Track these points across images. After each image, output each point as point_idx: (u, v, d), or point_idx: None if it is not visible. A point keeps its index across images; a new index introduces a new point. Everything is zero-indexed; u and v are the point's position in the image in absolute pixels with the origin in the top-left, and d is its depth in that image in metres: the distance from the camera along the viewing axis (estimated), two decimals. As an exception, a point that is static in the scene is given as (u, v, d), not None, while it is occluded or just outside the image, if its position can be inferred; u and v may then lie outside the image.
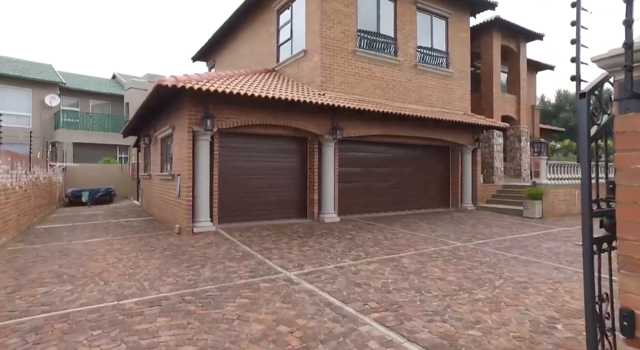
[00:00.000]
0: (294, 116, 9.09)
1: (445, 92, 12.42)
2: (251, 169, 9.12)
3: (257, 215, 9.13)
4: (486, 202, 12.93)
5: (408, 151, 12.02)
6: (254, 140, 9.17)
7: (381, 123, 10.49)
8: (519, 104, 15.60)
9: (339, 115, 9.55)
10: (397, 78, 11.35)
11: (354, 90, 10.49)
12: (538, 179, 10.79)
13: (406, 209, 11.80)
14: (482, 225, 9.22)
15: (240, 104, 8.22)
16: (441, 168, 12.88)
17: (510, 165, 15.79)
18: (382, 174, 11.43)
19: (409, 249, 6.45)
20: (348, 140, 10.38)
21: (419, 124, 11.12)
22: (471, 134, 12.51)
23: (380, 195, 11.35)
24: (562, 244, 6.93)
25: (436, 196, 12.68)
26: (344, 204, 10.45)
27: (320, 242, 6.90)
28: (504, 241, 7.15)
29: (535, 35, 15.33)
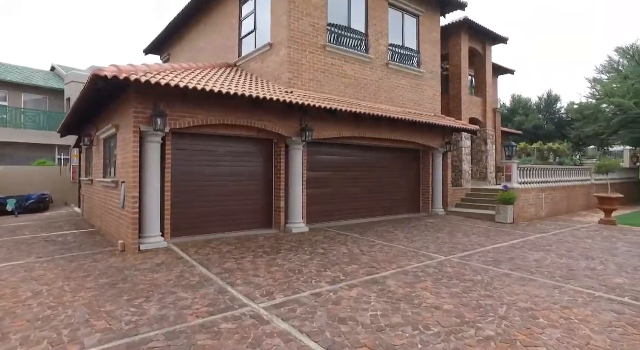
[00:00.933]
0: (259, 116, 8.17)
1: (416, 93, 12.00)
2: (210, 175, 8.08)
3: (218, 227, 8.10)
4: (456, 207, 12.66)
5: (379, 154, 11.45)
6: (214, 142, 8.13)
7: (353, 124, 9.80)
8: (485, 106, 15.61)
9: (309, 115, 8.74)
10: (369, 77, 10.73)
11: (324, 89, 9.73)
12: (510, 183, 10.60)
13: (378, 216, 11.22)
14: (459, 233, 8.78)
15: (197, 101, 7.18)
16: (412, 172, 12.45)
17: (476, 168, 15.77)
18: (353, 178, 10.76)
19: (390, 265, 5.76)
20: (317, 143, 9.59)
21: (391, 126, 10.57)
22: (442, 137, 12.18)
23: (351, 201, 10.68)
24: (546, 255, 6.56)
25: (407, 201, 12.22)
26: (313, 211, 9.65)
27: (290, 260, 6.04)
28: (487, 253, 6.67)
29: (501, 39, 15.40)
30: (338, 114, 9.04)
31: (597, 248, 7.22)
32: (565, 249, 7.06)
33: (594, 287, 4.73)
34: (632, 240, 8.11)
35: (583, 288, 4.70)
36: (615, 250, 7.03)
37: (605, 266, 5.84)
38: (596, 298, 4.34)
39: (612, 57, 20.48)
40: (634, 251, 7.01)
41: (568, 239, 8.20)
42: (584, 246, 7.39)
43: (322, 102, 8.48)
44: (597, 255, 6.56)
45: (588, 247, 7.35)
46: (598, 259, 6.29)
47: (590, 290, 4.61)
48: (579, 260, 6.23)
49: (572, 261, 6.14)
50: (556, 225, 10.30)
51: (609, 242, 7.85)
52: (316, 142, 9.40)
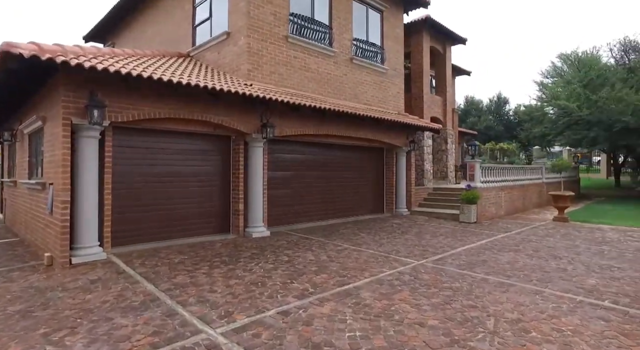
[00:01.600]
0: (216, 110, 7.40)
1: (380, 90, 11.72)
2: (160, 175, 7.20)
3: (168, 233, 7.23)
4: (419, 206, 12.57)
5: (344, 153, 11.04)
6: (165, 138, 7.25)
7: (317, 121, 9.28)
8: (446, 106, 15.77)
9: (271, 110, 8.09)
10: (333, 72, 10.26)
11: (286, 83, 9.12)
12: (473, 182, 10.62)
13: (343, 217, 10.79)
14: (427, 234, 8.55)
15: (143, 91, 6.29)
16: (376, 171, 12.18)
17: (437, 167, 15.89)
18: (316, 178, 10.25)
19: (362, 273, 5.30)
20: (279, 140, 8.98)
21: (356, 123, 10.17)
22: (406, 135, 12.01)
23: (314, 202, 10.15)
24: (516, 256, 6.44)
25: (372, 202, 11.93)
26: (274, 214, 9.02)
27: (251, 270, 5.39)
28: (459, 256, 6.42)
29: (460, 39, 15.62)
30: (301, 110, 8.48)
31: (560, 247, 7.26)
32: (532, 249, 7.01)
33: (572, 291, 4.55)
34: (587, 237, 8.30)
35: (562, 292, 4.51)
36: (577, 249, 7.09)
37: (574, 266, 5.77)
38: (578, 303, 4.13)
39: (555, 62, 21.73)
40: (592, 248, 7.11)
41: (531, 237, 8.24)
42: (547, 245, 7.41)
43: (285, 97, 7.87)
44: (562, 255, 6.54)
45: (552, 245, 7.37)
46: (565, 259, 6.25)
47: (570, 294, 4.42)
48: (548, 260, 6.15)
49: (542, 261, 6.03)
50: (516, 223, 10.45)
51: (569, 240, 7.96)
52: (278, 139, 8.78)
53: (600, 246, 7.35)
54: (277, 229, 8.77)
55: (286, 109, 8.31)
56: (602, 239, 8.09)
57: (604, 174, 29.26)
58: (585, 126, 17.19)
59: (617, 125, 16.18)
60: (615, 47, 21.34)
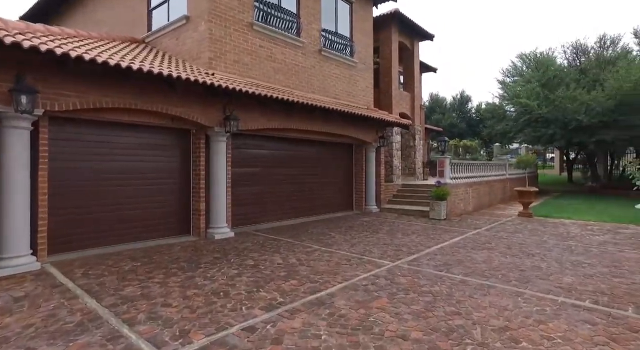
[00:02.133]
0: (173, 101, 6.71)
1: (349, 84, 11.38)
2: (110, 172, 6.44)
3: (120, 237, 6.49)
4: (388, 203, 12.41)
5: (312, 149, 10.61)
6: (115, 131, 6.49)
7: (284, 114, 8.78)
8: (414, 102, 15.73)
9: (235, 102, 7.51)
10: (301, 63, 9.77)
11: (251, 73, 8.54)
12: (443, 179, 10.55)
13: (311, 215, 10.38)
14: (398, 232, 8.32)
15: (86, 77, 5.52)
16: (346, 168, 11.86)
17: (405, 163, 15.85)
18: (284, 175, 9.75)
19: (335, 278, 4.90)
20: (244, 135, 8.40)
21: (325, 118, 9.77)
22: (376, 131, 11.76)
23: (282, 200, 9.66)
24: (491, 254, 6.30)
25: (341, 199, 11.60)
26: (239, 213, 8.44)
27: (212, 277, 4.85)
28: (434, 255, 6.19)
29: (428, 35, 15.60)
30: (268, 102, 7.95)
31: (531, 243, 7.24)
32: (504, 246, 6.93)
33: (552, 291, 4.39)
34: (553, 232, 8.40)
35: (543, 293, 4.34)
36: (546, 245, 7.09)
37: (547, 263, 5.69)
38: (561, 305, 3.96)
39: (515, 62, 22.44)
40: (560, 244, 7.15)
41: (501, 234, 8.21)
42: (518, 241, 7.37)
43: (250, 88, 7.31)
44: (534, 252, 6.49)
45: (522, 242, 7.34)
46: (537, 256, 6.18)
47: (550, 295, 4.25)
48: (522, 257, 6.05)
49: (516, 259, 5.92)
50: (484, 219, 10.50)
51: (537, 236, 8.00)
52: (242, 133, 8.21)
53: (566, 241, 7.42)
54: (242, 230, 8.21)
55: (251, 101, 7.75)
56: (567, 234, 8.21)
57: (557, 170, 30.82)
58: (544, 124, 17.81)
59: (572, 123, 16.86)
60: (568, 50, 22.34)
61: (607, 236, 8.04)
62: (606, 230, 8.78)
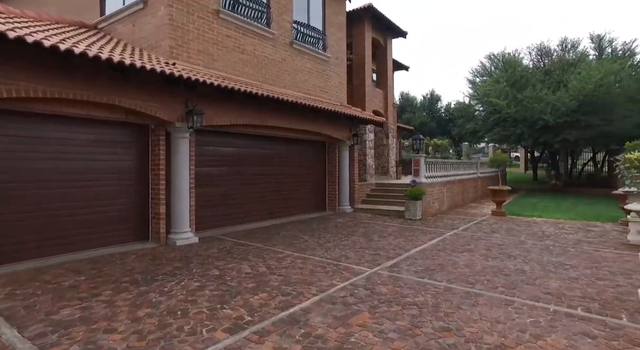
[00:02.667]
0: (126, 92, 5.99)
1: (322, 79, 10.92)
2: (53, 172, 5.64)
3: (64, 246, 5.71)
4: (362, 203, 12.08)
5: (283, 147, 10.07)
6: (57, 125, 5.70)
7: (254, 110, 8.20)
8: (387, 99, 15.50)
9: (199, 95, 6.86)
10: (271, 55, 9.21)
11: (217, 65, 7.89)
12: (418, 178, 10.31)
13: (284, 216, 9.85)
14: (374, 234, 7.95)
15: (16, 61, 4.73)
16: (318, 166, 11.40)
17: (378, 162, 15.60)
18: (253, 174, 9.17)
19: (309, 289, 4.42)
20: (210, 131, 7.77)
21: (297, 114, 9.27)
22: (349, 128, 11.38)
23: (251, 201, 9.07)
24: (472, 257, 6.03)
25: (314, 199, 11.14)
26: (204, 216, 7.79)
27: (170, 292, 4.24)
28: (414, 260, 5.84)
29: (401, 32, 15.41)
30: (236, 96, 7.35)
31: (509, 244, 7.07)
32: (484, 248, 6.70)
33: (542, 298, 4.12)
34: (528, 232, 8.33)
35: (533, 300, 4.05)
36: (524, 245, 6.94)
37: (530, 266, 5.48)
38: (554, 314, 3.67)
39: (484, 62, 22.84)
40: (538, 244, 7.03)
41: (479, 234, 8.03)
42: (497, 242, 7.19)
43: (215, 79, 6.69)
44: (515, 253, 6.29)
45: (501, 242, 7.16)
46: (519, 258, 5.98)
47: (541, 303, 3.97)
48: (504, 260, 5.82)
49: (498, 262, 5.67)
50: (459, 219, 10.35)
51: (514, 236, 7.88)
52: (209, 130, 7.58)
53: (543, 241, 7.31)
54: (207, 234, 7.57)
55: (217, 94, 7.13)
56: (542, 233, 8.15)
57: (522, 169, 31.79)
58: (513, 123, 18.12)
59: (538, 123, 17.24)
60: (534, 51, 22.97)
61: (580, 235, 8.04)
62: (577, 229, 8.82)
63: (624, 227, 9.00)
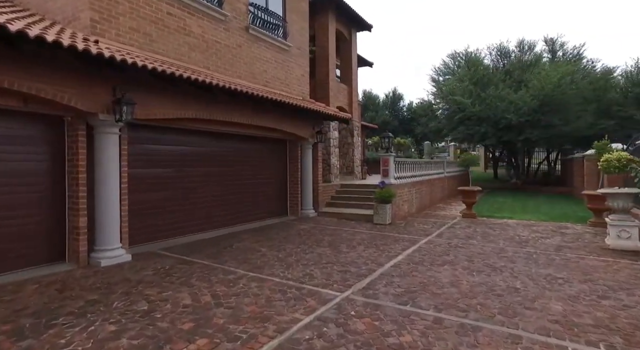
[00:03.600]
0: (35, 75, 4.64)
1: (282, 70, 9.87)
2: None
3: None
4: (326, 206, 11.18)
5: (239, 145, 8.94)
6: None
7: (202, 102, 7.02)
8: (352, 95, 14.70)
9: (130, 81, 5.60)
10: (224, 40, 8.04)
11: (157, 47, 6.64)
12: (387, 179, 9.54)
13: (237, 223, 8.71)
14: (343, 243, 7.05)
15: None
16: (278, 167, 10.35)
17: (343, 161, 14.78)
18: (205, 176, 7.97)
19: (265, 328, 3.40)
20: (148, 126, 6.52)
21: (255, 108, 8.17)
22: (312, 125, 10.42)
23: (202, 207, 7.87)
24: (455, 272, 5.27)
25: (273, 203, 10.08)
26: (142, 227, 6.53)
27: (70, 343, 3.05)
28: (391, 278, 4.97)
29: (366, 25, 14.66)
30: (179, 84, 6.14)
31: (490, 252, 6.42)
32: (465, 258, 5.98)
33: (551, 330, 3.37)
34: (505, 236, 7.80)
35: (542, 334, 3.29)
36: (505, 253, 6.33)
37: (521, 281, 4.80)
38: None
39: (447, 61, 22.80)
40: (520, 252, 6.45)
41: (455, 242, 7.35)
42: (476, 251, 6.52)
43: (152, 63, 5.46)
44: (499, 264, 5.62)
45: (480, 251, 6.51)
46: (505, 270, 5.30)
47: (554, 339, 3.21)
48: (491, 274, 5.10)
49: (486, 278, 4.94)
50: (431, 222, 9.71)
51: (492, 242, 7.28)
52: (146, 124, 6.34)
53: (524, 248, 6.75)
54: (145, 249, 6.32)
55: (156, 81, 5.90)
56: (519, 238, 7.63)
57: (482, 167, 32.44)
58: (477, 122, 18.03)
59: (502, 122, 17.25)
60: (494, 51, 23.22)
61: (556, 239, 7.60)
62: (551, 231, 8.44)
63: (594, 228, 8.77)
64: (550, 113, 16.84)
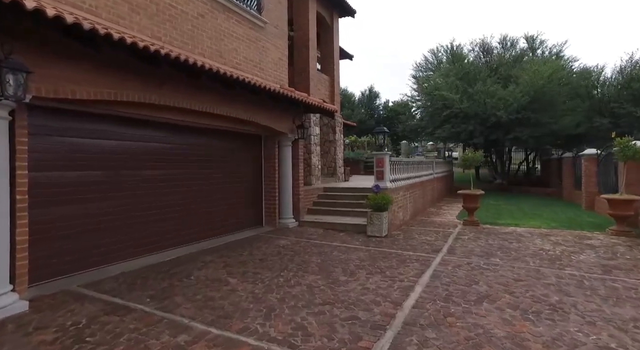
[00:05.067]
0: None
1: (256, 52, 8.13)
2: None
3: None
4: (309, 213, 9.54)
5: (202, 140, 7.15)
6: None
7: (151, 81, 5.19)
8: (333, 87, 13.12)
9: (26, 39, 3.73)
10: (180, 5, 6.22)
11: (81, 2, 4.75)
12: (382, 182, 8.02)
13: (201, 239, 6.91)
14: (337, 267, 5.42)
15: None
16: (251, 167, 8.61)
17: (324, 161, 13.18)
18: (154, 180, 6.12)
19: None
20: (69, 112, 4.64)
21: (223, 93, 6.42)
22: (292, 118, 8.75)
23: (150, 221, 6.02)
24: (502, 314, 3.77)
25: (245, 211, 8.32)
26: (53, 255, 4.64)
27: None
28: (422, 333, 3.38)
29: (350, 10, 13.12)
30: (103, 48, 4.31)
31: (526, 276, 5.01)
32: (501, 288, 4.50)
33: None
34: (526, 251, 6.47)
35: None
36: (547, 279, 4.94)
37: (613, 336, 3.36)
38: None
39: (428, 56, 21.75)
40: (562, 276, 5.09)
41: (475, 261, 5.89)
42: (509, 275, 5.08)
43: (59, 12, 3.62)
44: (553, 299, 4.19)
45: (514, 275, 5.07)
46: (572, 313, 3.86)
47: None
48: (556, 320, 3.63)
49: (554, 328, 3.46)
50: (431, 232, 8.27)
51: (519, 261, 5.89)
52: (63, 108, 4.45)
53: (563, 269, 5.39)
54: (57, 286, 4.44)
55: (75, 46, 4.04)
56: (547, 254, 6.29)
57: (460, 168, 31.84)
58: (464, 119, 16.95)
59: (491, 119, 16.24)
60: (477, 47, 22.39)
61: (590, 254, 6.33)
62: (575, 243, 7.21)
63: (618, 238, 7.67)
64: (541, 111, 16.03)
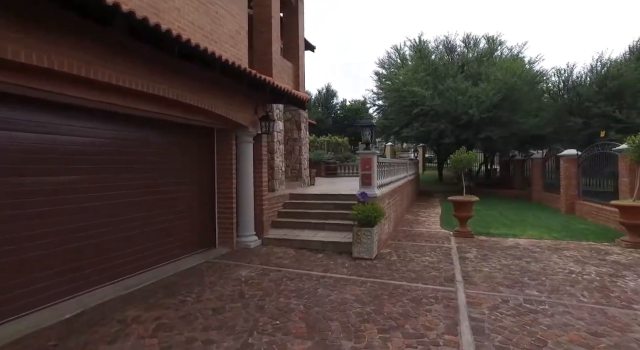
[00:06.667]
0: None
1: (207, 17, 6.15)
2: None
3: None
4: (273, 227, 7.72)
5: (132, 132, 5.07)
6: None
7: (47, 36, 3.08)
8: (298, 76, 11.34)
9: None
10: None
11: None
12: (370, 189, 6.39)
13: (124, 276, 4.83)
14: (332, 321, 3.67)
15: None
16: (201, 169, 6.60)
17: (287, 162, 11.36)
18: (58, 190, 3.97)
19: None
20: None
21: (164, 66, 4.40)
22: (254, 107, 6.87)
23: (40, 255, 3.86)
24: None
25: (191, 228, 6.30)
26: None
27: None
28: None
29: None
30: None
31: (590, 320, 3.61)
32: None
33: None
34: (552, 273, 5.19)
35: None
36: (630, 329, 3.58)
37: None
38: None
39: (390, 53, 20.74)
40: (624, 316, 3.76)
41: (508, 295, 4.43)
42: (573, 324, 3.66)
43: None
44: None
45: (585, 325, 3.65)
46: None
47: None
48: None
49: None
50: (426, 249, 6.78)
51: (564, 293, 4.53)
52: None
53: (632, 307, 4.09)
54: None
55: None
56: (582, 278, 5.04)
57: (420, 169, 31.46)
58: (434, 118, 15.95)
59: (462, 118, 15.38)
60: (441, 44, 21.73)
61: (636, 280, 5.16)
62: (598, 260, 6.08)
63: (637, 250, 6.72)
64: (512, 109, 15.48)
